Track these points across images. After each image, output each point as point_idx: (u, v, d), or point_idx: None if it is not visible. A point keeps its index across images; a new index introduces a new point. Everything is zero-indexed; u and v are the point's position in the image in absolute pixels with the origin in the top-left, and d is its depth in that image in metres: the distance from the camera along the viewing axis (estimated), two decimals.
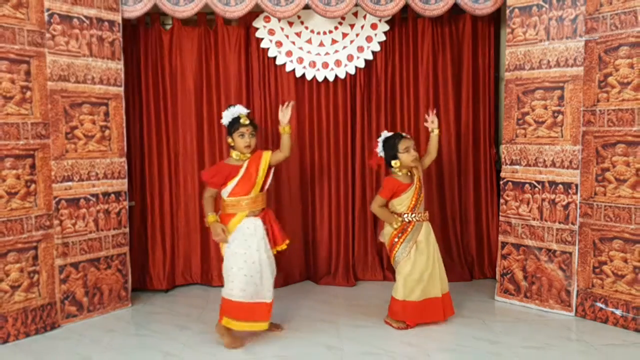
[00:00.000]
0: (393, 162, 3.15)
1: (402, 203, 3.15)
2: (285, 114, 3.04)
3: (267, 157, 3.02)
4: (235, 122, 3.00)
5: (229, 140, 3.03)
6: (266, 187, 3.06)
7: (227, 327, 2.93)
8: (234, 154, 3.03)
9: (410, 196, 3.14)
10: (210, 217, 3.00)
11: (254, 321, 2.93)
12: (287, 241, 3.15)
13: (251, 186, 2.98)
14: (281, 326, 3.20)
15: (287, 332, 3.16)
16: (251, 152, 3.03)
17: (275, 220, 3.14)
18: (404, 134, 3.21)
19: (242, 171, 2.98)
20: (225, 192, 3.00)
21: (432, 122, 3.28)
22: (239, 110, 3.04)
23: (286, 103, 3.08)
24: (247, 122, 2.99)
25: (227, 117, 3.05)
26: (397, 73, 4.13)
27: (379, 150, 3.24)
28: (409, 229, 3.15)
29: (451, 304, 3.25)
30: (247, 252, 2.91)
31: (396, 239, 3.16)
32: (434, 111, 3.33)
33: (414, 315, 3.15)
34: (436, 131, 3.28)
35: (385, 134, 3.25)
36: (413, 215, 3.15)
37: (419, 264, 3.12)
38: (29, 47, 3.12)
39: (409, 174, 3.20)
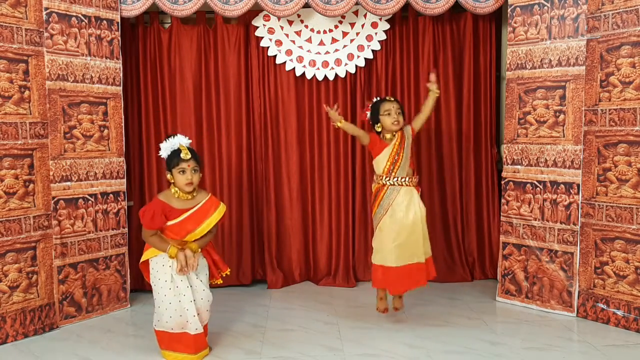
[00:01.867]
0: (376, 126, 3.14)
1: (378, 164, 3.13)
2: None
3: (217, 216, 2.76)
4: (174, 156, 2.68)
5: (168, 176, 2.74)
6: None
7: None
8: (173, 190, 2.73)
9: (386, 157, 3.10)
10: (172, 251, 2.68)
11: (178, 352, 2.75)
12: (226, 272, 2.93)
13: (186, 233, 2.72)
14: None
15: (288, 333, 3.14)
16: (192, 190, 2.73)
17: (212, 248, 2.93)
18: (388, 97, 3.16)
19: (181, 218, 2.71)
20: None
21: (432, 84, 3.14)
22: (179, 140, 2.72)
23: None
24: (189, 156, 2.67)
25: (165, 149, 2.74)
26: (398, 72, 4.11)
27: (369, 114, 3.23)
28: (382, 192, 3.11)
29: (433, 267, 3.19)
30: (166, 282, 2.72)
31: (374, 201, 3.17)
32: (434, 71, 3.26)
33: (396, 281, 3.09)
34: (435, 91, 3.14)
35: (375, 99, 3.24)
36: (387, 178, 3.10)
37: (391, 229, 3.07)
38: (27, 46, 3.10)
39: (394, 136, 3.14)
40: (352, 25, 4.00)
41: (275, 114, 4.09)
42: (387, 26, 3.99)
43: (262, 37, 3.98)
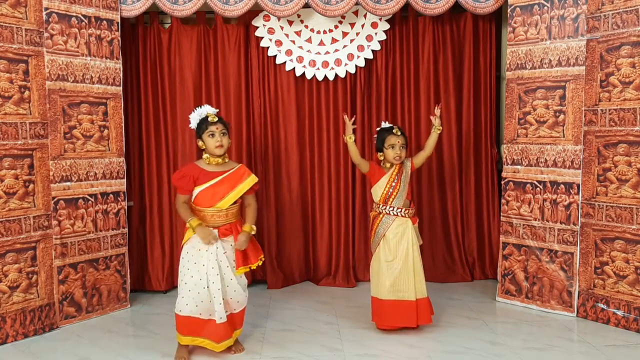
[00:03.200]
0: (379, 154, 3.15)
1: (376, 191, 3.13)
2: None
3: (250, 182, 2.82)
4: (203, 122, 2.78)
5: (199, 143, 2.80)
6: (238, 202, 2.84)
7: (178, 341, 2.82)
8: (205, 156, 2.81)
9: (384, 185, 3.09)
10: (193, 222, 2.70)
11: (201, 337, 2.75)
12: (262, 256, 2.89)
13: (218, 199, 2.74)
14: (241, 348, 2.91)
15: (288, 333, 3.14)
16: (224, 153, 2.80)
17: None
18: (394, 130, 3.11)
19: (214, 181, 2.75)
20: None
21: (436, 119, 3.16)
22: (207, 109, 2.82)
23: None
24: (216, 119, 2.76)
25: (194, 118, 2.82)
26: (398, 72, 4.11)
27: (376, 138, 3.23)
28: (377, 221, 3.11)
29: (428, 311, 3.09)
30: (196, 266, 2.72)
31: (371, 229, 3.16)
32: (439, 106, 3.27)
33: (384, 315, 3.06)
34: (438, 127, 3.15)
35: (384, 124, 3.22)
36: (384, 207, 3.10)
37: (385, 261, 3.06)
38: (27, 46, 3.10)
39: (392, 166, 3.13)
40: (352, 25, 4.00)
41: (275, 114, 4.09)
42: (387, 26, 3.99)
43: (262, 37, 3.98)
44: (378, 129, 3.23)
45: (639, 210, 3.07)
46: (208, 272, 2.71)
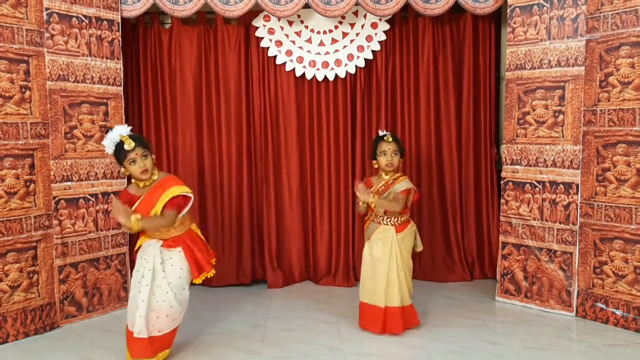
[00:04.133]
0: (374, 162, 3.15)
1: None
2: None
3: (172, 192, 2.59)
4: (119, 150, 2.54)
5: (122, 170, 2.62)
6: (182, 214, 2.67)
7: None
8: (133, 181, 2.66)
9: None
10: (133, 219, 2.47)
11: (127, 349, 2.65)
12: (213, 260, 2.80)
13: (147, 213, 2.58)
14: None
15: (288, 333, 3.15)
16: (150, 175, 2.61)
17: (196, 245, 2.75)
18: (386, 137, 3.07)
19: (137, 203, 2.61)
20: None
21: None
22: (119, 131, 2.56)
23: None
24: (132, 144, 2.52)
25: (108, 146, 2.57)
26: (398, 72, 4.12)
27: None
28: (365, 225, 3.18)
29: (414, 316, 3.10)
30: (137, 274, 2.64)
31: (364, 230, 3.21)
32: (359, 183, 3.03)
33: (369, 318, 3.06)
34: (369, 201, 2.93)
35: (380, 132, 3.19)
36: (372, 213, 3.12)
37: (367, 264, 3.08)
38: (27, 46, 3.11)
39: (387, 176, 3.10)
40: (352, 25, 4.01)
41: (275, 114, 4.10)
42: (386, 27, 4.00)
43: (262, 38, 3.99)
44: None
45: (637, 210, 3.08)
46: (141, 280, 2.60)
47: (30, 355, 2.90)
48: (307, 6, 3.69)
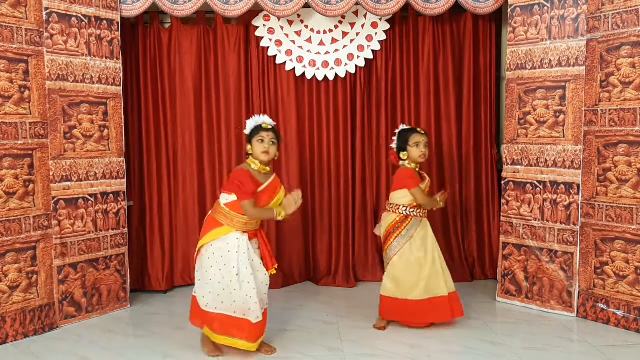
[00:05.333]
0: (402, 154, 3.14)
1: (408, 195, 3.12)
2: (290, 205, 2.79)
3: (282, 192, 2.85)
4: (257, 128, 2.81)
5: (248, 147, 2.82)
6: None
7: (207, 335, 2.83)
8: (250, 161, 2.80)
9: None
10: (278, 211, 2.73)
11: (233, 337, 2.76)
12: (276, 266, 2.92)
13: (270, 200, 2.80)
14: (273, 349, 2.90)
15: (288, 333, 3.14)
16: (269, 162, 2.81)
17: (267, 242, 2.93)
18: (419, 129, 3.17)
19: (263, 186, 2.76)
20: (224, 198, 2.77)
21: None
22: (264, 119, 2.86)
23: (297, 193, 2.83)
24: (270, 126, 2.80)
25: (250, 124, 2.86)
26: (398, 72, 4.11)
27: (394, 142, 3.22)
28: (406, 224, 3.13)
29: (460, 305, 3.16)
30: (227, 267, 2.73)
31: (392, 232, 3.14)
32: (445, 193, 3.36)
33: (418, 314, 3.10)
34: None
35: (402, 127, 3.23)
36: (414, 210, 3.13)
37: (414, 261, 3.09)
38: (27, 46, 3.10)
39: (417, 170, 3.17)
40: (352, 25, 4.00)
41: (275, 114, 4.09)
42: (387, 26, 3.99)
43: (262, 37, 3.98)
44: (397, 130, 3.22)
45: (639, 211, 3.07)
46: (241, 272, 2.72)
47: (30, 356, 2.89)
48: (307, 6, 3.68)
